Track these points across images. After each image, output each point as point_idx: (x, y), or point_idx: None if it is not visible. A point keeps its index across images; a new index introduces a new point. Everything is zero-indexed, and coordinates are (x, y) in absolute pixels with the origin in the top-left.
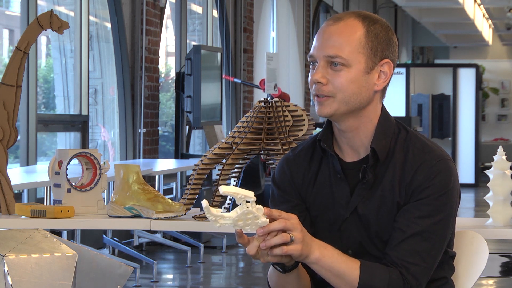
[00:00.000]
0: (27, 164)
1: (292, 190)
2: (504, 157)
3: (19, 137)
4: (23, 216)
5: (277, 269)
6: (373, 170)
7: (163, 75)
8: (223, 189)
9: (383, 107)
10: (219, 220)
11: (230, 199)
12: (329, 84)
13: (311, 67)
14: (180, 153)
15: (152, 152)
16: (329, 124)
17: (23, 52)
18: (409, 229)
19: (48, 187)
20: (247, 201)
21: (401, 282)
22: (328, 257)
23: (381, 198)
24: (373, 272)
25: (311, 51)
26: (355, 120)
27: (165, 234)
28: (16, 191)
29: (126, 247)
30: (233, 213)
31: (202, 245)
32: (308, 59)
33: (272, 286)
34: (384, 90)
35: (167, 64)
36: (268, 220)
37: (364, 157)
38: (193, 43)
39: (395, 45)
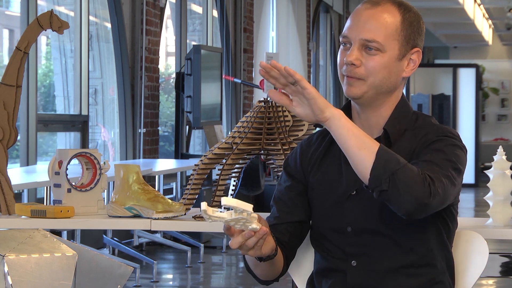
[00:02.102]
0: (27, 164)
1: (296, 171)
2: (504, 157)
3: (19, 137)
4: (23, 216)
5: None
6: None
7: (164, 76)
8: (224, 201)
9: (402, 94)
10: (213, 218)
11: None
12: (362, 66)
13: (342, 47)
14: (180, 153)
15: (152, 152)
16: (348, 107)
17: (23, 52)
18: (421, 159)
19: (48, 187)
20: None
21: (421, 172)
22: (348, 121)
23: None
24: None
25: (345, 31)
26: (379, 104)
27: (165, 234)
28: (16, 191)
29: (126, 247)
30: (227, 215)
31: (202, 245)
32: (341, 39)
33: (246, 259)
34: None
35: (167, 65)
36: (259, 226)
37: (376, 138)
38: (193, 43)
39: (423, 34)
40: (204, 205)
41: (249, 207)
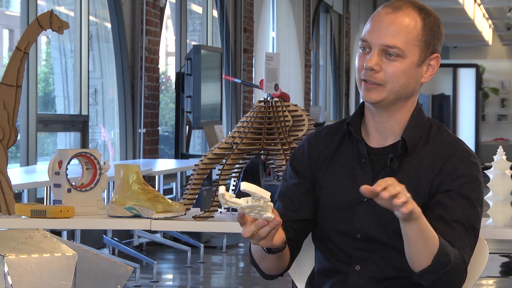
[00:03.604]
0: (27, 164)
1: (304, 167)
2: (504, 157)
3: (19, 137)
4: (23, 216)
5: (263, 248)
6: (399, 160)
7: (162, 76)
8: (244, 186)
9: (417, 100)
10: (229, 203)
11: None
12: (382, 72)
13: (361, 51)
14: (180, 153)
15: (152, 152)
16: (361, 108)
17: (23, 52)
18: (449, 216)
19: (48, 187)
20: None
21: (461, 260)
22: (424, 221)
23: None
24: (446, 244)
25: (365, 35)
26: (395, 108)
27: (165, 234)
28: (16, 191)
29: (126, 247)
30: (243, 201)
31: (202, 245)
32: (360, 42)
33: (252, 252)
34: None
35: (167, 65)
36: (273, 216)
37: (391, 144)
38: (193, 43)
39: (442, 39)
40: (222, 189)
41: (267, 194)
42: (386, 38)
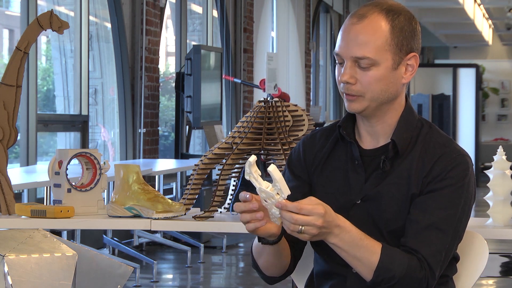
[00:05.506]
0: (27, 164)
1: (301, 169)
2: (504, 157)
3: (19, 137)
4: (23, 216)
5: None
6: (391, 161)
7: (164, 76)
8: (271, 168)
9: (407, 99)
10: (251, 177)
11: (230, 199)
12: (358, 83)
13: (337, 64)
14: (180, 153)
15: (152, 152)
16: (352, 114)
17: (23, 52)
18: (424, 220)
19: (48, 187)
20: (278, 193)
21: (418, 269)
22: (345, 243)
23: (396, 187)
24: (393, 257)
25: (337, 49)
26: (382, 112)
27: (165, 234)
28: (16, 191)
29: (126, 247)
30: (264, 185)
31: (202, 245)
32: (335, 56)
33: (253, 249)
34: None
35: (167, 65)
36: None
37: (383, 145)
38: (193, 43)
39: (419, 34)
40: (253, 158)
41: (286, 191)
42: (355, 50)
